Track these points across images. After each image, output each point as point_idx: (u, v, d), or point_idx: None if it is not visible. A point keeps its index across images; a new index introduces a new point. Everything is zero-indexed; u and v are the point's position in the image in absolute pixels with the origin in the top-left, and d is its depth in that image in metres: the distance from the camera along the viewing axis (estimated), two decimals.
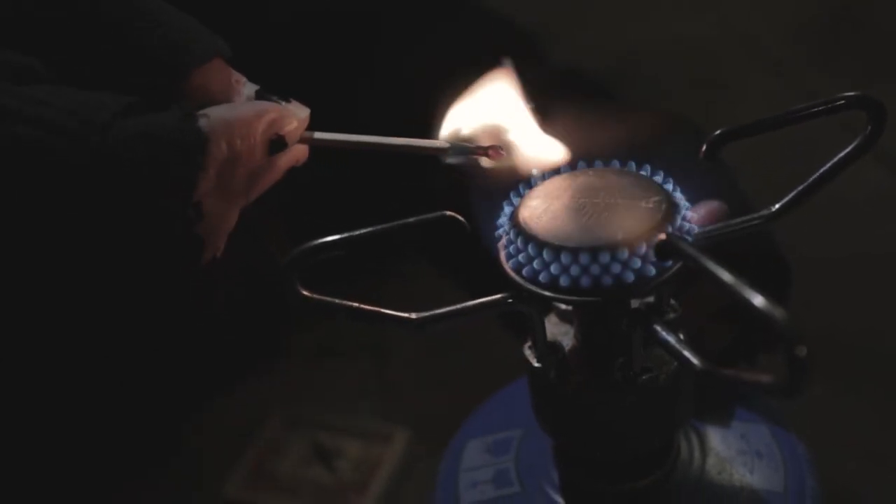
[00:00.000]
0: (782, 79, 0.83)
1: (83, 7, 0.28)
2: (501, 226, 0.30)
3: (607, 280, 0.27)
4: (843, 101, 0.30)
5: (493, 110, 0.33)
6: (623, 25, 0.99)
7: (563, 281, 0.28)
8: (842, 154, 0.31)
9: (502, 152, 0.32)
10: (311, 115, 0.31)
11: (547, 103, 0.33)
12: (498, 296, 0.30)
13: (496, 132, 0.32)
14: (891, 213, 0.66)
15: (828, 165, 0.31)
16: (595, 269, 0.27)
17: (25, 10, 0.28)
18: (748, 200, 0.40)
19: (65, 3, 0.28)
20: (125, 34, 0.29)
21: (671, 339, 0.28)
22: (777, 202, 0.32)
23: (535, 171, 0.32)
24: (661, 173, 0.31)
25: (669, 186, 0.30)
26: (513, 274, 0.29)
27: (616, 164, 0.31)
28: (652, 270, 0.28)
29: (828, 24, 0.90)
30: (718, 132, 0.29)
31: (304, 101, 0.31)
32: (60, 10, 0.28)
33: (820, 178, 0.31)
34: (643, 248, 0.27)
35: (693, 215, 0.30)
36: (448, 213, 0.30)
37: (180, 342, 0.67)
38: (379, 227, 0.30)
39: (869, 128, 0.30)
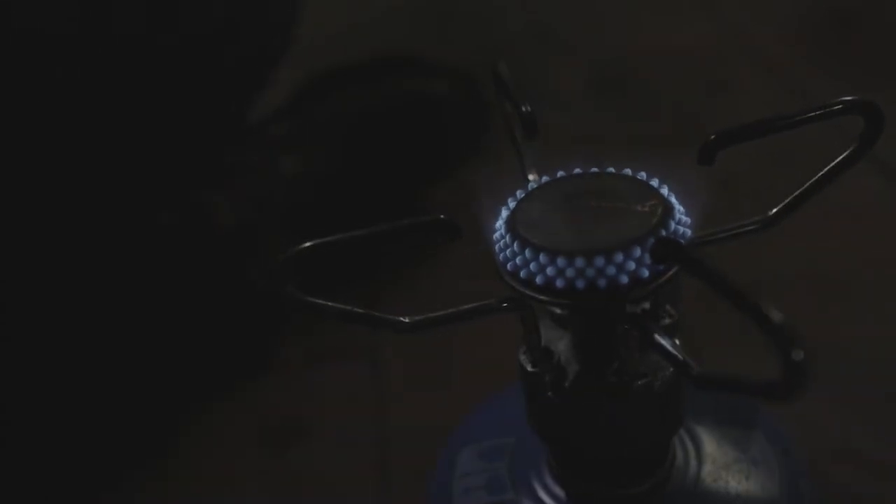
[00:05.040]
0: (784, 81, 0.83)
1: None
2: (497, 229, 0.30)
3: (602, 283, 0.27)
4: (839, 106, 0.30)
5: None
6: (622, 27, 0.99)
7: (559, 284, 0.28)
8: (838, 159, 0.31)
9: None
10: None
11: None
12: (493, 300, 0.30)
13: None
14: (888, 221, 0.66)
15: (823, 170, 0.31)
16: (590, 273, 0.27)
17: None
18: None
19: None
20: None
21: (666, 343, 0.28)
22: (773, 208, 0.32)
23: (530, 176, 0.32)
24: (657, 178, 0.30)
25: (665, 190, 0.30)
26: (508, 277, 0.29)
27: (611, 168, 0.31)
28: (647, 274, 0.28)
29: (830, 25, 0.90)
30: (713, 136, 0.29)
31: None
32: None
33: (816, 183, 0.31)
34: (638, 252, 0.27)
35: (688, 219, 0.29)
36: (442, 215, 0.30)
37: (175, 347, 0.67)
38: (373, 228, 0.30)
39: (865, 133, 0.30)
